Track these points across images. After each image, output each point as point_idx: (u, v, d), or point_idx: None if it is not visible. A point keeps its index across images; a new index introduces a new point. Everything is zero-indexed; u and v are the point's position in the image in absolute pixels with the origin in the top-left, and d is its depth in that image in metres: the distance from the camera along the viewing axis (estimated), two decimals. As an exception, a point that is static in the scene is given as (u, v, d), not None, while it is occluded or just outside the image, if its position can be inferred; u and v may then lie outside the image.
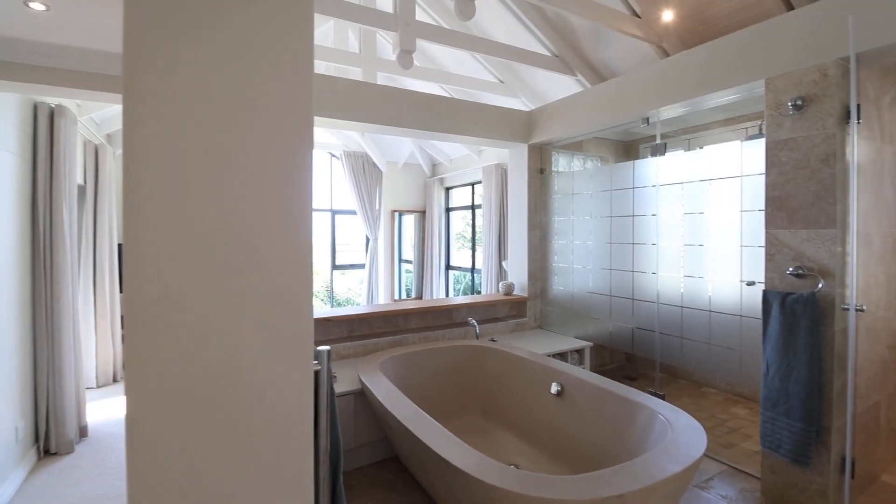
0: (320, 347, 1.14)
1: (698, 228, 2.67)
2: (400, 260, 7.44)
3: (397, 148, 6.57)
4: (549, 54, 3.74)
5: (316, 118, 2.97)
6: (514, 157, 3.94)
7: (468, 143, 4.16)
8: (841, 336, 1.99)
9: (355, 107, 3.07)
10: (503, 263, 5.01)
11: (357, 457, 2.54)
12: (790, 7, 2.44)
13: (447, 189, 6.88)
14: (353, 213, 6.83)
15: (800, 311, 2.02)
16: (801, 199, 2.06)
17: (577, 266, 3.57)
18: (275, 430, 0.81)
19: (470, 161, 5.98)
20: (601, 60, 3.72)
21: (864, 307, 1.90)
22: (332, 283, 7.21)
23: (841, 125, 1.94)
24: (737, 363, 2.50)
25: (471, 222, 6.50)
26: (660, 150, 2.87)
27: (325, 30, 4.50)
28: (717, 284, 2.59)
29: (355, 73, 4.15)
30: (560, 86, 4.02)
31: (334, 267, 7.17)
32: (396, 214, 7.09)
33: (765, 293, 2.17)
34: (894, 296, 2.45)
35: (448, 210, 6.92)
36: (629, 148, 4.38)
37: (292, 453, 0.83)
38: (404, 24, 2.89)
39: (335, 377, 2.67)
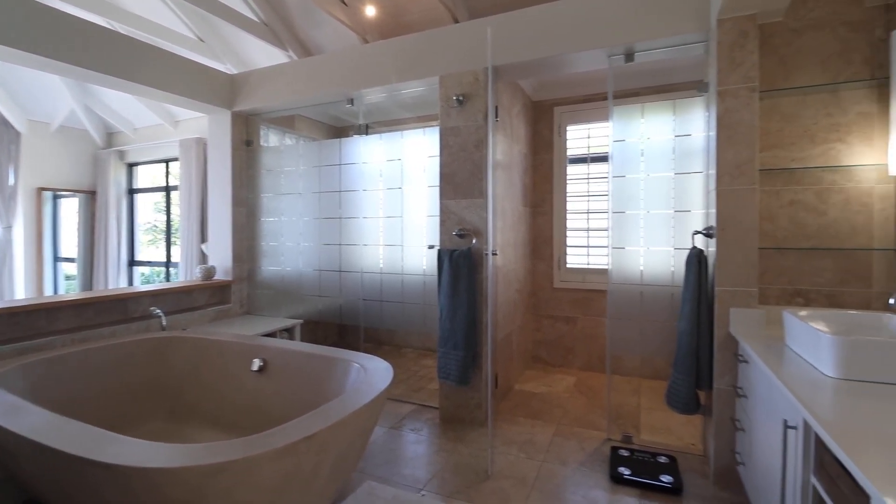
0: None
1: (396, 202, 3.02)
2: (56, 257, 5.57)
3: (47, 103, 4.90)
4: (255, 19, 3.51)
5: None
6: (216, 125, 3.52)
7: (149, 98, 3.44)
8: (486, 281, 2.61)
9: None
10: (202, 247, 4.42)
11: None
12: (456, 20, 3.06)
13: (130, 165, 5.57)
14: (-37, 185, 4.69)
15: (462, 263, 2.54)
16: (462, 176, 2.60)
17: (289, 244, 3.49)
18: None
19: (162, 132, 5.03)
20: (312, 40, 3.76)
21: (497, 252, 2.56)
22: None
23: (486, 120, 2.55)
24: (422, 317, 2.95)
25: (165, 208, 5.47)
26: (363, 130, 3.11)
27: None
28: (409, 250, 2.99)
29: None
30: (270, 58, 3.85)
31: (-77, 267, 4.75)
32: (48, 195, 5.29)
33: (439, 252, 2.64)
34: (521, 254, 3.41)
35: (132, 192, 5.62)
36: (340, 133, 4.58)
37: None
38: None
39: None
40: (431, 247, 2.85)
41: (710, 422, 2.12)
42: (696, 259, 2.10)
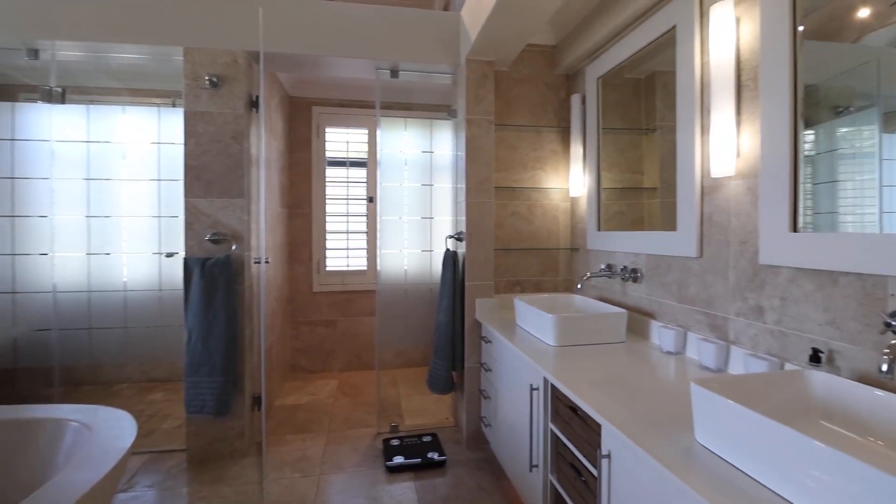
0: None
1: (106, 198, 2.32)
2: None
3: None
4: None
5: None
6: None
7: None
8: (249, 291, 2.33)
9: None
10: None
11: None
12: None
13: None
14: None
15: (218, 273, 2.18)
16: (216, 171, 2.23)
17: None
18: None
19: None
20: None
21: (269, 259, 2.32)
22: None
23: (247, 109, 2.26)
24: (158, 342, 2.38)
25: None
26: (58, 98, 2.25)
27: None
28: (133, 260, 2.35)
29: None
30: None
31: None
32: None
33: (186, 261, 2.19)
34: (278, 259, 3.16)
35: None
36: (7, 95, 3.16)
37: None
38: None
39: None
40: (171, 255, 2.34)
41: (461, 396, 2.51)
42: (452, 259, 2.44)
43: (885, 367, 0.82)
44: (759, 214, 1.33)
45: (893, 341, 0.85)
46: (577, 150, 2.45)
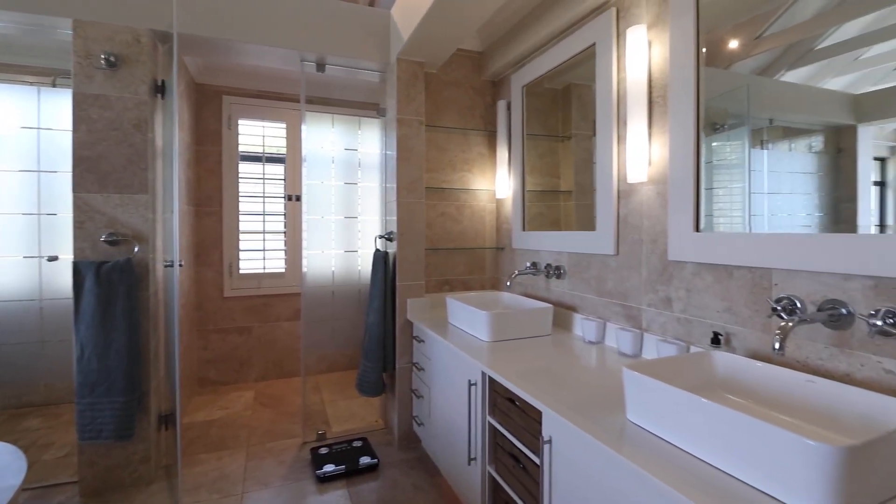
0: None
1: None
2: None
3: None
4: None
5: None
6: None
7: None
8: (154, 298, 2.09)
9: None
10: None
11: None
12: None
13: None
14: None
15: (116, 280, 1.93)
16: (114, 163, 1.96)
17: None
18: None
19: None
20: None
21: (182, 263, 2.09)
22: None
23: (153, 96, 2.02)
24: (34, 360, 2.04)
25: None
26: None
27: None
28: (2, 265, 1.99)
29: None
30: None
31: None
32: None
33: (76, 265, 1.90)
34: (185, 262, 2.87)
35: None
36: None
37: None
38: None
39: None
40: (53, 258, 2.01)
41: (392, 397, 2.49)
42: (383, 259, 2.42)
43: (777, 346, 0.98)
44: (668, 216, 1.51)
45: (782, 323, 1.02)
46: (502, 153, 2.56)
